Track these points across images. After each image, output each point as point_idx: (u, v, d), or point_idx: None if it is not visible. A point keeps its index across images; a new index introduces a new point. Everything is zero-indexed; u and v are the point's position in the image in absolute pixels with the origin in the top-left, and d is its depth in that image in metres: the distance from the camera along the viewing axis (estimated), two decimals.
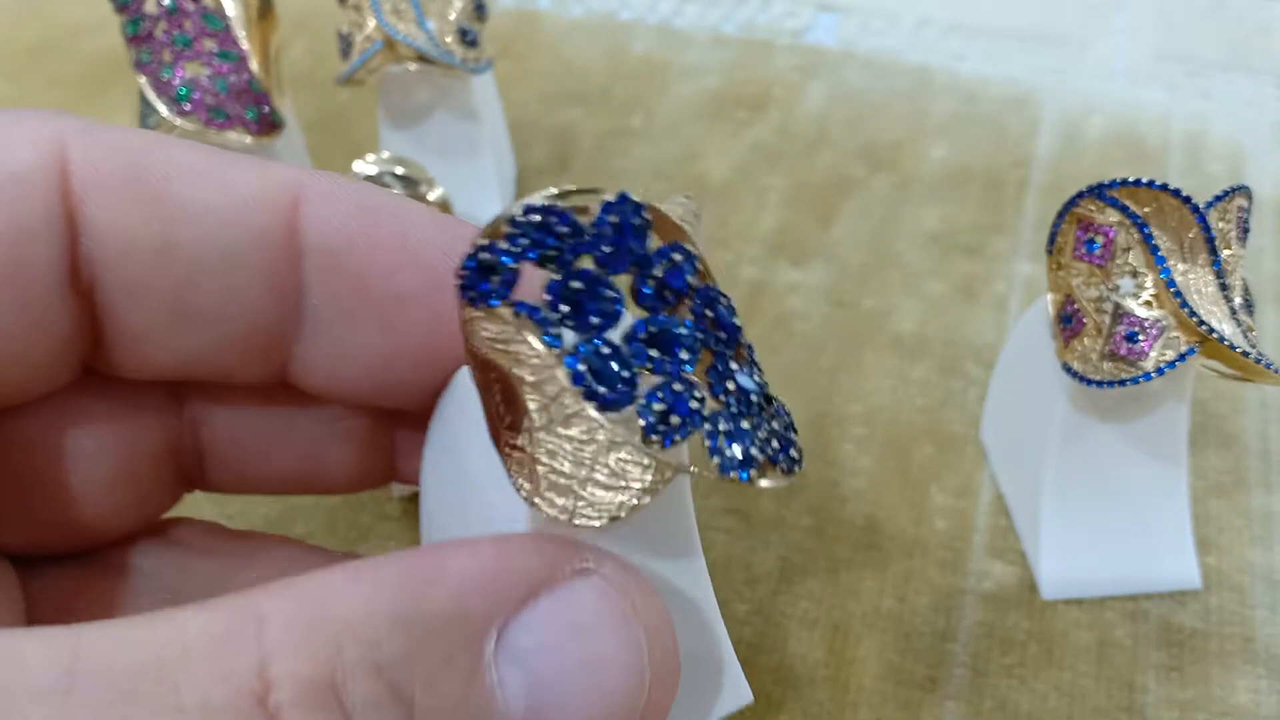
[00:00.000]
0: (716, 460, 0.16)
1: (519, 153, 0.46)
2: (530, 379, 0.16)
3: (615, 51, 0.52)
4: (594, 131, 0.48)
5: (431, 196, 0.36)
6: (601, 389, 0.15)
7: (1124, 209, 0.28)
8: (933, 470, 0.35)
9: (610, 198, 0.16)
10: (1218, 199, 0.28)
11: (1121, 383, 0.28)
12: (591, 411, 0.15)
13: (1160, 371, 0.28)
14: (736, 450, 0.16)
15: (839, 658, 0.30)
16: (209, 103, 0.35)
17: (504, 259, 0.16)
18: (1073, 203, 0.29)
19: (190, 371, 0.21)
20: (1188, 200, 0.28)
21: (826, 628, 0.31)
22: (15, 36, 0.53)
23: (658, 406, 0.15)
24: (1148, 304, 0.28)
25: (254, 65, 0.36)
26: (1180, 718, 0.29)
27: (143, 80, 0.35)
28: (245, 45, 0.36)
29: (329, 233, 0.20)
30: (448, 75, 0.39)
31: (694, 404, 0.16)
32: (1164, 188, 0.28)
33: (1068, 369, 0.29)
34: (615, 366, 0.15)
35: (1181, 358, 0.28)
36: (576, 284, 0.16)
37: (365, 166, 0.36)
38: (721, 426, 0.16)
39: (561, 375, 0.15)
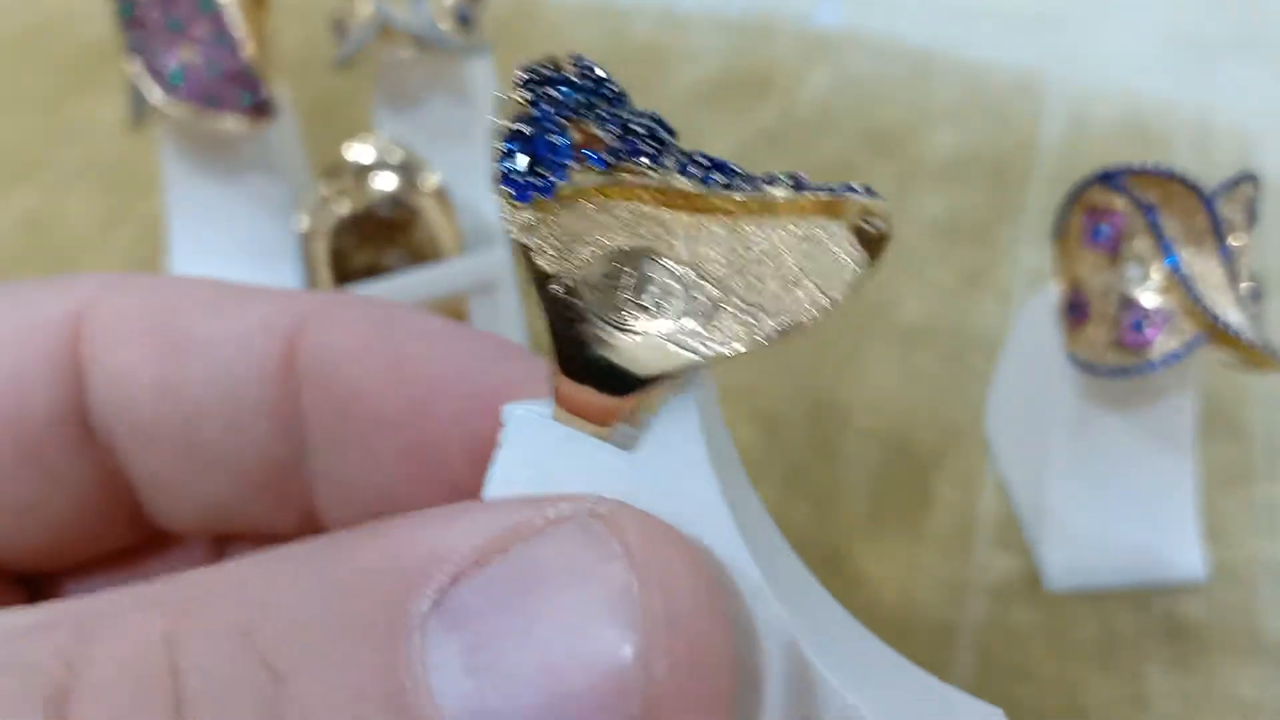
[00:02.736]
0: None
1: None
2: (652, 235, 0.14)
3: (615, 35, 0.52)
4: None
5: (427, 183, 0.36)
6: (722, 177, 0.14)
7: (1131, 195, 0.28)
8: (936, 461, 0.34)
9: (574, 54, 0.15)
10: (1225, 186, 0.28)
11: (1127, 372, 0.28)
12: (736, 196, 0.14)
13: (1167, 361, 0.27)
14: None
15: None
16: (202, 88, 0.35)
17: (548, 124, 0.14)
18: (1079, 190, 0.29)
19: (221, 524, 0.20)
20: (1195, 187, 0.27)
21: None
22: (8, 20, 0.53)
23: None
24: (1155, 292, 0.28)
25: (248, 50, 0.35)
26: (1184, 710, 0.29)
27: (136, 65, 0.35)
28: (239, 30, 0.35)
29: (323, 359, 0.19)
30: (444, 59, 0.38)
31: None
32: (1171, 174, 0.27)
33: (1073, 358, 0.28)
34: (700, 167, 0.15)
35: (1188, 347, 0.27)
36: (626, 115, 0.15)
37: (360, 152, 0.36)
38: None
39: (687, 183, 0.14)
